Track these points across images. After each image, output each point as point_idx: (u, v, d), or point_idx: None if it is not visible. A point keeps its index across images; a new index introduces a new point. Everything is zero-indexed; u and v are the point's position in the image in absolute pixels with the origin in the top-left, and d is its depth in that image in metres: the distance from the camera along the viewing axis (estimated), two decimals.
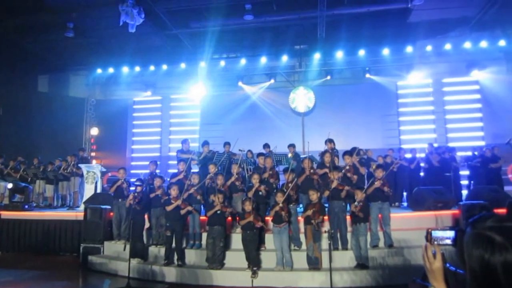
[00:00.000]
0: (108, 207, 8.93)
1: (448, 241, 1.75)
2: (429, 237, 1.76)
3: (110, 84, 15.41)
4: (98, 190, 10.70)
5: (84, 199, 10.30)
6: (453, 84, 13.27)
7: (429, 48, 12.52)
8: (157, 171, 9.54)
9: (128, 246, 7.65)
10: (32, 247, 9.53)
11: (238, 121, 13.90)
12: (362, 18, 11.74)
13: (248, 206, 7.11)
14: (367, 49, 12.90)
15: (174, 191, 7.69)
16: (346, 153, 8.26)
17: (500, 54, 12.43)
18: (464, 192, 10.28)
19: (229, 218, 8.01)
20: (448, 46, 12.38)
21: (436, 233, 1.76)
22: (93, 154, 15.18)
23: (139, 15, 10.10)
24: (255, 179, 7.74)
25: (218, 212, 7.33)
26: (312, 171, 7.90)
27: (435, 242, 1.74)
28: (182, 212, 7.61)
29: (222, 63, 14.09)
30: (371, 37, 12.52)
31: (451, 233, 1.75)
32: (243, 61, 13.82)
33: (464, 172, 10.94)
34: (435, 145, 11.65)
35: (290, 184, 7.41)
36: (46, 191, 11.71)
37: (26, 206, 10.36)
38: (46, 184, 11.68)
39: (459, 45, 12.29)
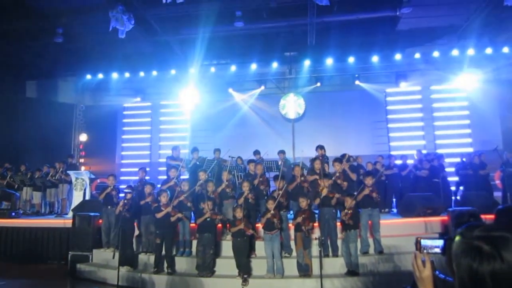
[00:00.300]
0: (97, 214, 8.84)
1: (437, 250, 1.76)
2: (418, 246, 1.78)
3: (100, 90, 15.24)
4: (87, 197, 10.57)
5: (73, 206, 10.17)
6: (441, 92, 13.42)
7: (417, 55, 12.65)
8: (147, 177, 9.48)
9: (117, 254, 7.58)
10: (19, 255, 9.36)
11: (228, 127, 13.88)
12: (351, 26, 11.84)
13: (239, 213, 7.11)
14: (356, 56, 12.98)
15: (164, 198, 7.66)
16: (336, 160, 8.30)
17: (487, 62, 12.63)
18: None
19: (220, 225, 7.98)
20: (436, 54, 12.52)
21: (425, 242, 1.78)
22: (82, 160, 14.99)
23: (129, 21, 10.03)
24: (245, 187, 7.72)
25: (208, 219, 7.31)
26: (302, 178, 7.92)
27: (425, 251, 1.76)
28: (172, 219, 7.57)
29: (213, 69, 14.04)
30: (361, 45, 12.62)
31: (440, 242, 1.76)
32: (233, 68, 13.78)
33: (453, 178, 11.05)
34: (424, 151, 11.76)
35: (280, 191, 7.40)
36: (34, 198, 11.56)
37: (13, 214, 10.21)
38: (33, 191, 11.53)
39: (447, 53, 12.45)
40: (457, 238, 1.40)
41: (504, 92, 12.19)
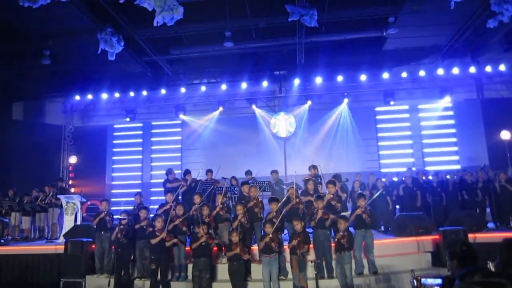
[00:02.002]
0: (90, 239, 8.69)
1: None
2: (418, 284, 1.90)
3: (89, 111, 15.12)
4: (78, 222, 10.38)
5: (64, 231, 9.98)
6: (428, 110, 13.61)
7: (404, 74, 12.91)
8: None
9: (112, 281, 7.47)
10: (8, 284, 9.05)
11: (219, 146, 13.87)
12: (339, 45, 12.10)
13: (235, 237, 7.10)
14: (345, 75, 13.14)
15: (159, 223, 7.61)
16: (329, 182, 8.35)
17: (471, 81, 12.98)
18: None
19: (215, 248, 7.94)
20: (422, 73, 12.79)
21: (426, 281, 1.90)
22: (71, 182, 14.71)
23: (118, 43, 9.98)
24: (239, 210, 7.73)
25: (203, 243, 7.27)
26: (298, 200, 7.96)
27: None
28: (168, 244, 7.51)
29: (203, 88, 14.10)
30: (349, 64, 12.85)
31: (438, 281, 1.90)
32: (224, 87, 13.85)
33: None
34: (413, 169, 11.94)
35: (275, 220, 7.38)
36: (23, 223, 11.28)
37: (2, 241, 9.95)
38: (22, 216, 11.27)
39: (433, 71, 12.73)
40: (458, 282, 1.52)
41: (488, 109, 12.51)
